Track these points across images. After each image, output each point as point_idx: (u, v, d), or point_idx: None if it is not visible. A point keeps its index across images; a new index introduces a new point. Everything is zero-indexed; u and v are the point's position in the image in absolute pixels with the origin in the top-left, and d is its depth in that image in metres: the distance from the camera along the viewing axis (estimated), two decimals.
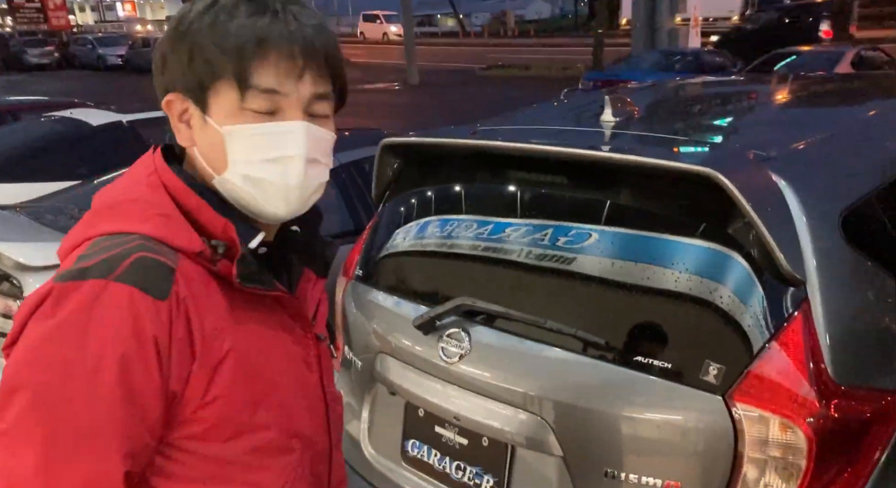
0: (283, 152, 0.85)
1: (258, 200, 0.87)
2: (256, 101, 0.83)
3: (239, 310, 0.86)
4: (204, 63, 0.83)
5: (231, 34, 0.82)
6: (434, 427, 1.71)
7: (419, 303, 1.84)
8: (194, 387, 0.81)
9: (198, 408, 0.82)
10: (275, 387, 0.88)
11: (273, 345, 0.89)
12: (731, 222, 1.43)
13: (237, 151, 0.85)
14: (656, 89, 2.63)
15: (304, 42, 0.83)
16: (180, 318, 0.79)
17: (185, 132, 0.88)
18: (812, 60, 11.66)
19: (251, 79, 0.82)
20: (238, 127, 0.84)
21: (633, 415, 1.42)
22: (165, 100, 0.88)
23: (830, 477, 1.32)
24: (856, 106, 2.11)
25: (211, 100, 0.85)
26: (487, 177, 1.94)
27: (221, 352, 0.82)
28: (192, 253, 0.83)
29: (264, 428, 0.87)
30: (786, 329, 1.33)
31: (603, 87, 11.47)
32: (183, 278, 0.81)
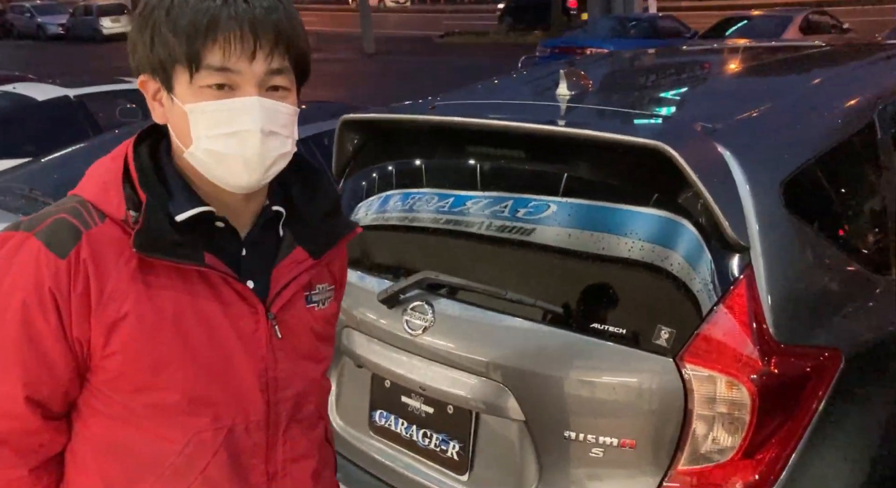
0: (240, 127, 0.91)
1: (221, 172, 0.94)
2: (210, 79, 0.90)
3: (155, 277, 0.93)
4: (162, 46, 0.90)
5: (184, 18, 0.88)
6: (400, 397, 1.77)
7: (383, 277, 1.88)
8: (95, 339, 0.92)
9: (101, 359, 0.93)
10: (182, 354, 0.95)
11: (193, 315, 0.95)
12: (681, 192, 1.49)
13: (199, 127, 0.91)
14: (609, 61, 2.68)
15: (253, 22, 0.89)
16: (79, 276, 0.89)
17: (159, 110, 0.96)
18: (762, 25, 11.85)
19: (203, 59, 0.89)
20: (199, 104, 0.91)
21: (591, 379, 1.49)
22: (139, 80, 0.96)
23: (771, 430, 1.41)
24: (797, 77, 2.19)
25: (174, 80, 0.92)
26: (447, 152, 1.98)
27: (119, 312, 0.91)
28: (118, 219, 0.92)
29: (166, 389, 0.95)
30: (731, 293, 1.41)
31: (560, 53, 11.52)
32: (90, 241, 0.90)
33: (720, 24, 12.38)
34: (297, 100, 0.97)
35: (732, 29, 11.92)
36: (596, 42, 11.93)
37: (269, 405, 1.02)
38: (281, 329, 1.02)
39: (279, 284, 1.02)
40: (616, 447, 1.48)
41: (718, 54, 2.75)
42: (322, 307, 1.10)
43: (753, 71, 2.34)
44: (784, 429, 1.43)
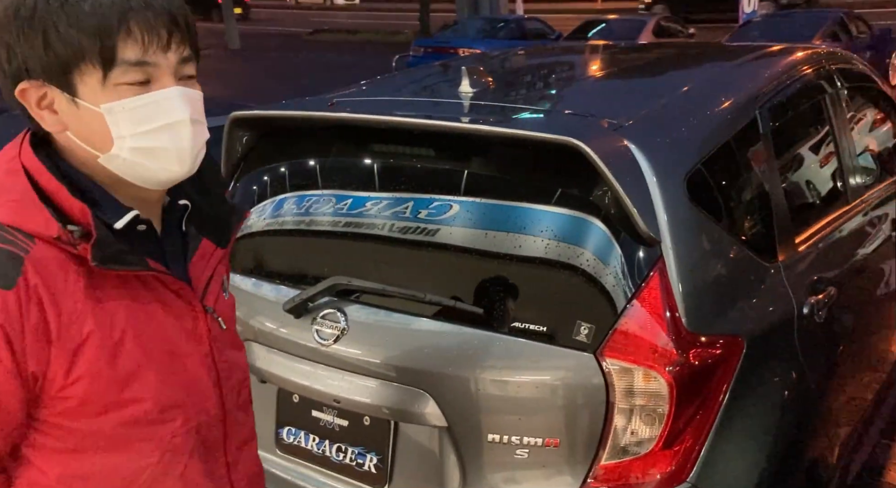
0: (170, 118, 0.87)
1: (152, 169, 0.89)
2: (128, 75, 0.84)
3: (104, 289, 0.88)
4: (64, 46, 0.82)
5: (89, 13, 0.81)
6: (311, 411, 1.67)
7: (281, 285, 1.78)
8: (56, 369, 0.84)
9: (62, 388, 0.85)
10: (147, 362, 0.91)
11: (145, 321, 0.92)
12: (590, 188, 1.51)
13: (122, 126, 0.86)
14: (506, 59, 2.69)
15: (164, 10, 0.85)
16: (31, 305, 0.81)
17: (51, 118, 0.87)
18: (620, 27, 12.53)
19: (119, 55, 0.83)
20: (118, 103, 0.85)
21: (513, 379, 1.47)
22: (19, 88, 0.86)
23: (687, 419, 1.46)
24: (683, 74, 2.29)
25: (77, 81, 0.84)
26: (345, 151, 1.89)
27: (82, 334, 0.85)
28: (48, 237, 0.84)
29: (136, 402, 0.90)
30: (645, 285, 1.43)
31: (434, 53, 11.59)
32: (34, 265, 0.82)
33: (582, 27, 12.97)
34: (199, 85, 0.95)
35: (594, 31, 12.51)
36: (466, 42, 12.11)
37: (220, 397, 1.03)
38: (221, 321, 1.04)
39: (204, 277, 1.02)
40: (540, 447, 1.46)
41: (604, 53, 2.84)
42: (228, 295, 1.10)
43: (641, 69, 2.43)
44: (698, 418, 1.47)
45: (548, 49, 3.77)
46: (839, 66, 2.41)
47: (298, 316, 1.63)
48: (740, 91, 1.92)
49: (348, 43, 20.58)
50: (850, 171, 2.30)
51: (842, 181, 2.25)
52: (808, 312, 1.76)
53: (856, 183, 2.31)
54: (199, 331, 0.99)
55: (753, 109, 1.84)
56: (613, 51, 2.99)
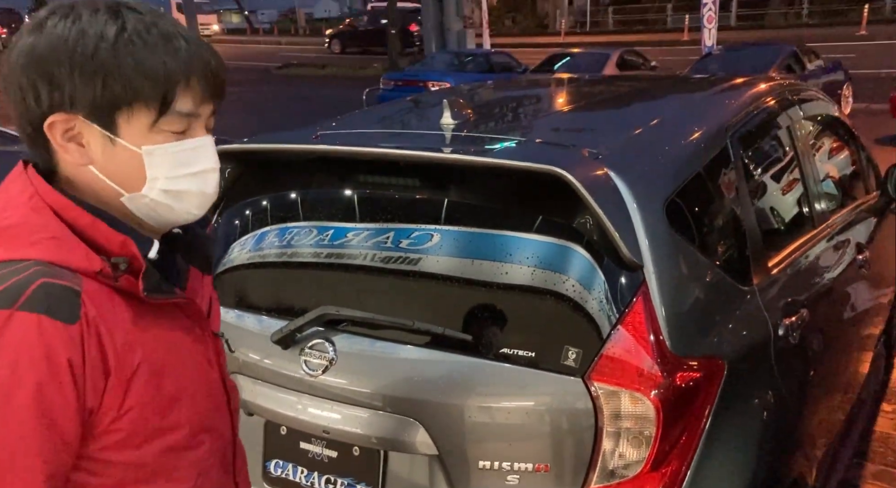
0: (203, 166, 0.93)
1: (176, 211, 0.92)
2: (174, 124, 0.88)
3: (144, 320, 0.89)
4: (124, 88, 0.84)
5: (157, 61, 0.85)
6: (299, 443, 1.65)
7: (264, 316, 1.77)
8: (110, 402, 0.84)
9: (114, 420, 0.85)
10: (183, 389, 0.93)
11: (178, 349, 0.94)
12: (573, 216, 1.55)
13: (159, 168, 0.89)
14: (484, 91, 2.75)
15: (219, 71, 0.91)
16: (92, 339, 0.82)
17: (77, 151, 0.88)
18: (584, 61, 12.84)
19: (175, 105, 0.87)
20: (161, 146, 0.88)
21: (502, 405, 1.48)
22: (51, 121, 0.86)
23: (674, 441, 1.48)
24: (655, 104, 2.37)
25: (122, 121, 0.86)
26: (327, 183, 1.91)
27: (133, 364, 0.86)
28: (91, 272, 0.85)
29: (175, 428, 0.92)
30: (630, 310, 1.47)
31: (404, 86, 11.74)
32: (89, 299, 0.83)
33: (548, 60, 13.25)
34: None
35: (559, 64, 12.79)
36: (436, 75, 12.30)
37: (232, 419, 1.07)
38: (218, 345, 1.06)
39: (204, 303, 1.05)
40: (531, 472, 1.47)
41: (579, 85, 2.92)
42: None
43: (616, 100, 2.50)
44: (683, 440, 1.50)
45: (523, 82, 3.86)
46: (801, 96, 2.52)
47: (286, 347, 1.63)
48: (712, 120, 1.99)
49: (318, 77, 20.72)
50: (816, 197, 2.39)
51: (808, 206, 2.33)
52: (783, 334, 1.82)
53: (821, 208, 2.40)
54: (211, 354, 1.02)
55: (725, 138, 1.91)
56: (587, 83, 3.08)
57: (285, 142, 1.85)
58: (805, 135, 2.45)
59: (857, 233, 2.61)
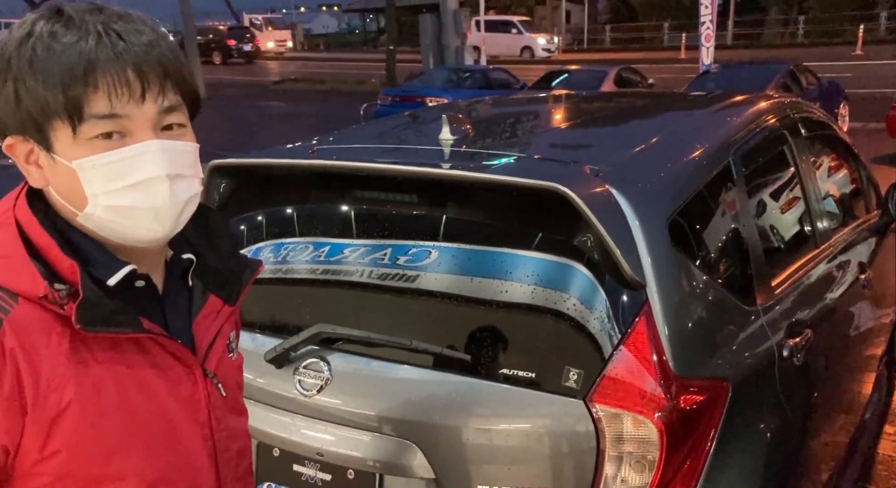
0: (143, 175, 0.81)
1: (129, 228, 0.83)
2: (99, 128, 0.79)
3: (92, 353, 0.82)
4: (33, 102, 0.78)
5: (54, 67, 0.77)
6: (292, 466, 1.61)
7: (258, 334, 1.73)
8: (29, 442, 0.78)
9: (36, 463, 0.79)
10: (135, 435, 0.85)
11: (135, 390, 0.85)
12: (574, 233, 1.52)
13: (94, 184, 0.80)
14: (483, 107, 2.73)
15: (136, 60, 0.80)
16: (7, 372, 0.75)
17: (36, 173, 0.84)
18: (582, 78, 12.88)
19: (86, 108, 0.78)
20: (89, 159, 0.80)
21: (502, 427, 1.44)
22: (6, 143, 0.83)
23: (677, 465, 1.44)
24: (657, 122, 2.35)
25: (52, 136, 0.80)
26: (324, 198, 1.88)
27: (61, 403, 0.78)
28: (34, 297, 0.78)
29: (120, 479, 0.83)
30: (632, 330, 1.43)
31: (402, 102, 11.75)
32: (13, 328, 0.76)
33: (546, 77, 13.30)
34: (194, 135, 0.90)
35: (557, 81, 12.84)
36: (434, 91, 12.32)
37: (216, 468, 0.96)
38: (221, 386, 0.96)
39: (207, 338, 0.95)
40: None
41: (578, 101, 2.90)
42: (235, 355, 1.03)
43: (616, 117, 2.48)
44: (687, 464, 1.46)
45: (522, 98, 3.85)
46: (802, 115, 2.50)
47: (280, 366, 1.59)
48: (714, 138, 1.97)
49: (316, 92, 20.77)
50: (818, 216, 2.36)
51: (810, 225, 2.31)
52: (787, 355, 1.78)
53: (823, 227, 2.38)
54: (197, 397, 0.93)
55: (728, 155, 1.89)
56: (587, 99, 3.07)
57: (282, 157, 1.82)
58: (806, 154, 2.43)
59: (858, 253, 2.58)
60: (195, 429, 0.92)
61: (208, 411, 0.94)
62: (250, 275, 1.03)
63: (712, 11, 13.95)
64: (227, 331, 1.00)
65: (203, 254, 0.97)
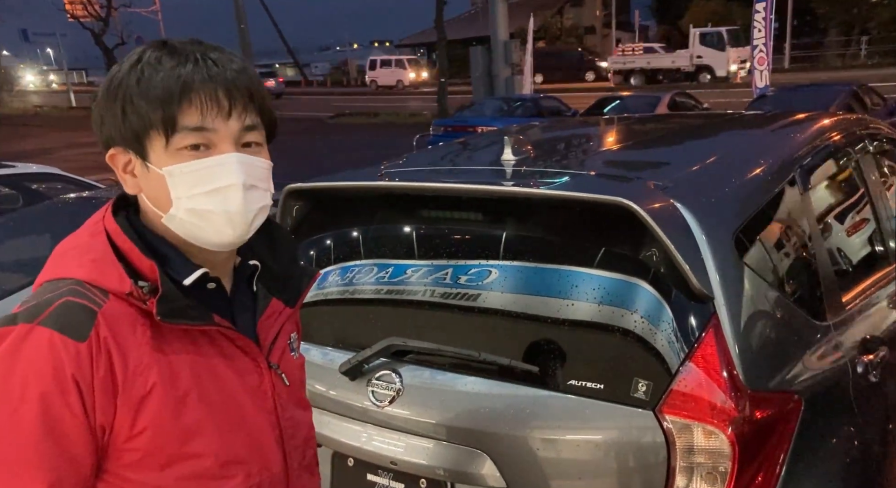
0: (221, 183, 0.92)
1: (206, 230, 0.94)
2: (187, 140, 0.91)
3: (170, 344, 0.92)
4: (136, 116, 0.90)
5: (156, 86, 0.90)
6: (366, 475, 1.65)
7: (329, 349, 1.80)
8: (121, 420, 0.87)
9: (127, 439, 0.88)
10: (210, 417, 0.94)
11: (209, 377, 0.95)
12: (640, 248, 1.54)
13: (179, 188, 0.92)
14: (541, 130, 2.78)
15: (226, 83, 0.92)
16: (101, 357, 0.86)
17: (131, 182, 0.96)
18: (635, 104, 12.82)
19: (179, 122, 0.90)
20: (177, 166, 0.91)
21: (571, 437, 1.46)
22: (109, 154, 0.96)
23: (750, 477, 1.43)
24: (716, 139, 2.36)
25: (148, 147, 0.92)
26: (389, 220, 1.95)
27: (146, 386, 0.88)
28: (121, 293, 0.89)
29: (198, 456, 0.92)
30: (702, 342, 1.44)
31: (453, 132, 11.92)
32: (105, 320, 0.87)
33: (598, 104, 13.27)
34: (268, 155, 1.01)
35: (609, 107, 12.80)
36: (484, 120, 12.44)
37: (284, 455, 1.05)
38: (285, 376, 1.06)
39: (270, 335, 1.05)
40: None
41: (635, 122, 2.93)
42: (297, 355, 1.13)
43: (675, 136, 2.50)
44: (760, 478, 1.44)
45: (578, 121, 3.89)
46: (868, 131, 2.47)
47: (353, 378, 1.65)
48: (777, 154, 1.97)
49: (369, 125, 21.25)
50: (889, 233, 2.31)
51: (881, 243, 2.26)
52: (862, 372, 1.75)
53: (895, 245, 2.32)
54: (264, 387, 1.02)
55: (792, 171, 1.89)
56: (644, 121, 3.09)
57: (351, 180, 1.91)
58: (875, 170, 2.39)
59: None
60: (263, 416, 1.01)
61: (274, 400, 1.03)
62: (308, 280, 1.13)
63: (766, 34, 13.77)
64: (288, 330, 1.10)
65: (266, 261, 1.07)
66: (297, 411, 1.09)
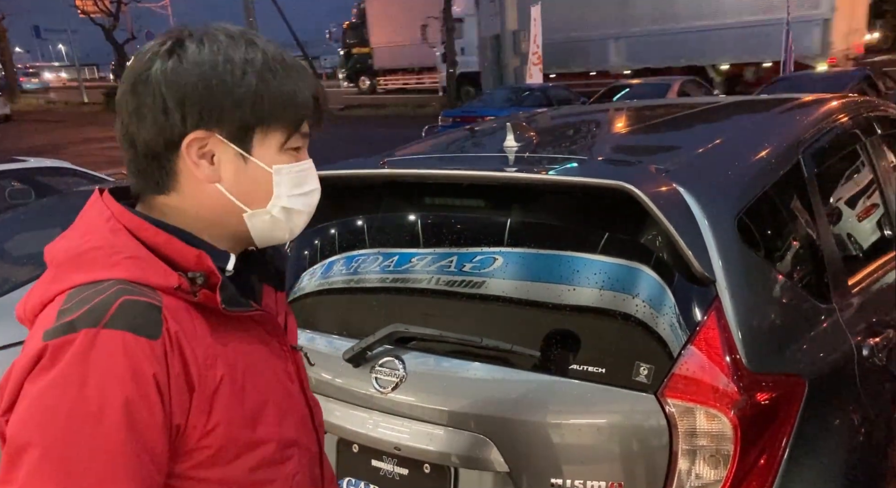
0: (312, 186, 0.98)
1: (283, 229, 0.96)
2: (298, 143, 0.95)
3: (223, 334, 0.90)
4: (269, 111, 0.91)
5: (294, 87, 0.92)
6: (371, 461, 1.67)
7: (334, 337, 1.81)
8: (196, 418, 0.84)
9: (202, 437, 0.85)
10: (266, 402, 0.94)
11: (258, 362, 0.95)
12: (641, 232, 1.54)
13: (283, 186, 0.94)
14: (545, 117, 2.78)
15: (325, 98, 0.99)
16: (175, 354, 0.83)
17: (208, 169, 0.91)
18: (644, 92, 12.71)
19: (302, 126, 0.95)
20: (287, 166, 0.94)
21: (574, 422, 1.47)
22: (193, 136, 0.88)
23: (753, 460, 1.43)
24: (721, 123, 2.34)
25: (256, 141, 0.92)
26: (392, 208, 1.96)
27: (216, 378, 0.87)
28: (169, 288, 0.86)
29: (263, 442, 0.92)
30: (704, 325, 1.44)
31: (462, 122, 11.90)
32: (170, 314, 0.84)
33: (607, 92, 13.20)
34: None
35: (618, 95, 12.72)
36: (493, 111, 12.40)
37: (317, 434, 1.07)
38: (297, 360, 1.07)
39: (280, 317, 1.05)
40: None
41: (640, 108, 2.91)
42: None
43: (680, 120, 2.49)
44: (763, 461, 1.44)
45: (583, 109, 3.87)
46: (877, 113, 2.44)
47: (357, 365, 1.66)
48: (782, 137, 1.96)
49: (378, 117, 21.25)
50: None
51: (890, 226, 2.25)
52: (868, 354, 1.74)
53: None
54: (289, 368, 1.03)
55: (796, 154, 1.87)
56: (649, 106, 3.07)
57: (353, 168, 1.91)
58: (882, 154, 2.37)
59: None
60: (298, 397, 1.03)
61: (300, 381, 1.05)
62: (283, 263, 1.13)
63: None
64: (290, 312, 1.12)
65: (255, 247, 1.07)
66: (311, 393, 1.11)
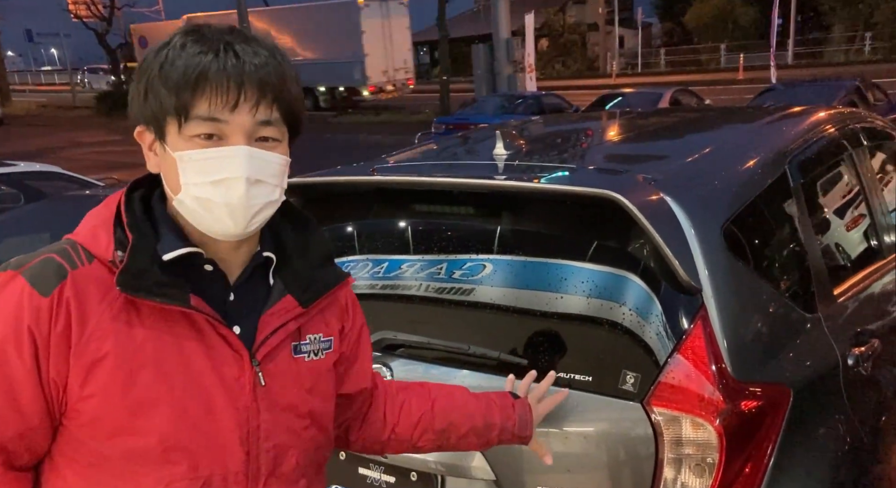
0: (225, 174, 0.93)
1: (207, 219, 0.95)
2: (199, 128, 0.92)
3: (139, 318, 0.93)
4: (154, 98, 0.93)
5: (175, 72, 0.91)
6: (357, 469, 1.66)
7: None
8: (73, 379, 0.90)
9: (78, 401, 0.91)
10: (165, 398, 0.93)
11: (175, 359, 0.94)
12: (628, 241, 1.55)
13: (187, 174, 0.94)
14: (535, 125, 2.79)
15: (239, 75, 0.92)
16: (60, 314, 0.89)
17: (153, 160, 0.99)
18: (636, 101, 12.80)
19: (192, 110, 0.92)
20: (187, 152, 0.93)
21: (560, 430, 1.47)
22: (137, 131, 0.99)
23: (738, 469, 1.44)
24: (709, 132, 2.36)
25: (166, 130, 0.95)
26: (382, 215, 1.96)
27: (99, 352, 0.90)
28: (105, 260, 0.93)
29: (142, 434, 0.92)
30: (690, 334, 1.44)
31: (455, 129, 11.93)
32: (74, 281, 0.91)
33: (599, 100, 13.27)
34: (287, 151, 1.00)
35: (611, 104, 12.79)
36: (486, 118, 12.45)
37: (248, 456, 0.99)
38: (265, 377, 1.00)
39: (266, 331, 1.01)
40: None
41: (630, 117, 2.93)
42: (313, 358, 1.07)
43: (669, 129, 2.51)
44: (748, 470, 1.45)
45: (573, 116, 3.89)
46: (863, 125, 2.47)
47: None
48: (768, 147, 1.97)
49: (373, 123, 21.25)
50: (883, 227, 2.31)
51: (875, 236, 2.26)
52: (852, 364, 1.75)
53: (889, 239, 2.32)
54: (242, 382, 0.97)
55: (783, 164, 1.89)
56: (639, 115, 3.09)
57: (343, 175, 1.92)
58: (869, 165, 2.39)
59: None
60: (232, 412, 0.97)
61: (251, 397, 0.98)
62: (335, 283, 1.09)
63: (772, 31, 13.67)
64: (291, 328, 1.03)
65: (293, 256, 1.06)
66: (281, 415, 1.01)
